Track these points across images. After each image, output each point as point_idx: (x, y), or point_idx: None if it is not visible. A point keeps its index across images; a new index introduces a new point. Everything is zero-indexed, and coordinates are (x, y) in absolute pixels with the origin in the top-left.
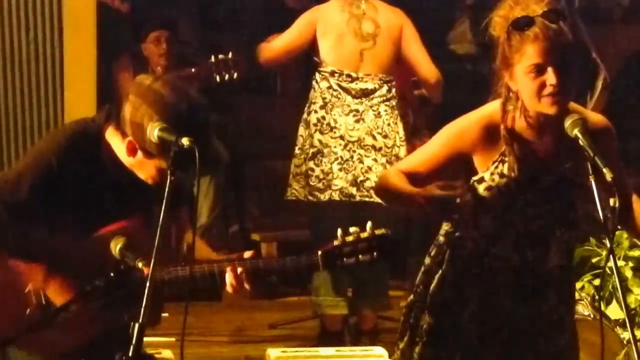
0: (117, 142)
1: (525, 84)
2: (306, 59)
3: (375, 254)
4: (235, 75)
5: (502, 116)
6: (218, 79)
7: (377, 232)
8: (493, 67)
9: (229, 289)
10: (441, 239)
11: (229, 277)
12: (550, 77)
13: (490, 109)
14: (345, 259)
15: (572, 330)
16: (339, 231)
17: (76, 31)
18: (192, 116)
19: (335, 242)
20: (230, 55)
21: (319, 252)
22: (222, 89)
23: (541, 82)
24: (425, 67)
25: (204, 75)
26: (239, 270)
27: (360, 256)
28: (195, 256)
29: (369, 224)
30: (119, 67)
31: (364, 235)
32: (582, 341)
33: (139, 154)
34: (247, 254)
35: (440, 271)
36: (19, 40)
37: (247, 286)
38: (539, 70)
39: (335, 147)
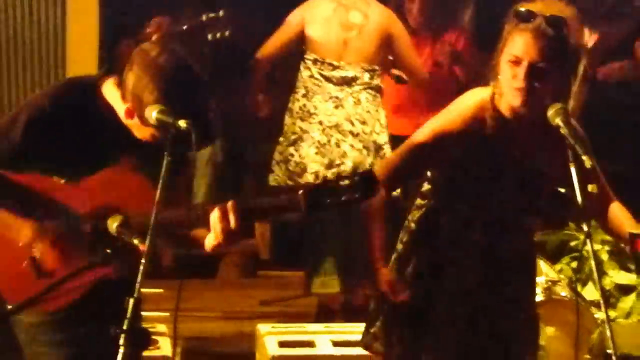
0: (115, 98)
1: (504, 71)
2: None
3: (357, 194)
4: (227, 33)
5: (491, 98)
6: (210, 37)
7: (359, 170)
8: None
9: (212, 239)
10: (412, 225)
11: (214, 218)
12: (520, 71)
13: (470, 108)
14: (327, 199)
15: (531, 312)
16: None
17: (79, 13)
18: (193, 93)
19: (316, 182)
20: (221, 13)
21: (300, 191)
22: (221, 73)
23: (514, 73)
24: (423, 73)
25: (195, 33)
26: (228, 206)
27: (343, 197)
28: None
29: (349, 165)
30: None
31: (345, 173)
32: (560, 320)
33: (136, 119)
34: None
35: (416, 257)
36: (23, 22)
37: (233, 223)
38: (517, 62)
39: (313, 132)
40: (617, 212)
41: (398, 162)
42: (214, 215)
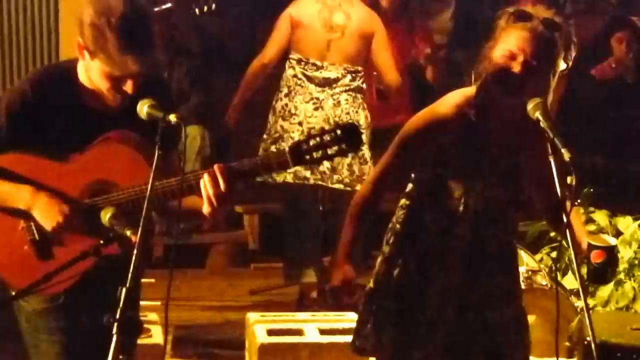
0: (81, 70)
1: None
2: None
3: (343, 145)
4: (213, 6)
5: (477, 91)
6: (197, 11)
7: (341, 123)
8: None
9: (205, 206)
10: (397, 226)
11: (204, 184)
12: (516, 65)
13: (453, 103)
14: (313, 153)
15: (518, 302)
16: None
17: (71, 11)
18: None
19: (300, 137)
20: None
21: (286, 148)
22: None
23: (509, 66)
24: (390, 75)
25: (183, 7)
26: (216, 169)
27: (328, 150)
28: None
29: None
30: None
31: (328, 127)
32: (540, 308)
33: (87, 55)
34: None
35: (403, 257)
36: (17, 19)
37: (223, 186)
38: (511, 57)
39: (293, 132)
40: (574, 217)
41: (388, 160)
42: (204, 181)
